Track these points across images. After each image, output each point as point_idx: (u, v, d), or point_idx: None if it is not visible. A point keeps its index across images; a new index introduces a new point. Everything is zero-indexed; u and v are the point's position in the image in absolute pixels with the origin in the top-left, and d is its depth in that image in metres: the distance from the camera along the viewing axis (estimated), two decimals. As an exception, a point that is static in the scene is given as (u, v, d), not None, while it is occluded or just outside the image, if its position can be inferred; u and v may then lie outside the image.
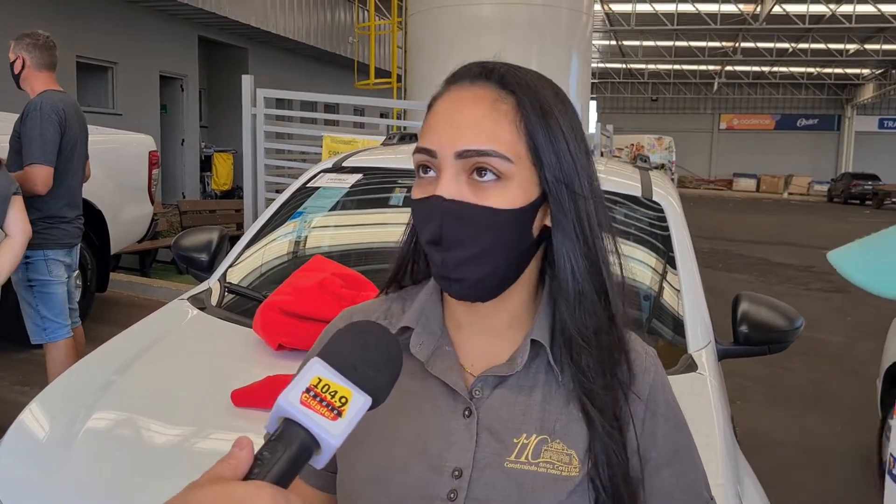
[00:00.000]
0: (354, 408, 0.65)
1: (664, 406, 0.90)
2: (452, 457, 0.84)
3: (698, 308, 2.24)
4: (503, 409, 0.86)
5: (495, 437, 0.85)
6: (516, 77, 0.84)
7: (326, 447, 0.63)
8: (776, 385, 5.62)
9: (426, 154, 0.83)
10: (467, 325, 0.91)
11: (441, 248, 0.82)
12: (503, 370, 0.87)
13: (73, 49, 11.89)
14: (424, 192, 0.83)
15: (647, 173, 2.91)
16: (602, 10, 24.03)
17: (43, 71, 3.75)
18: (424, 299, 0.92)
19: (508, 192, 0.81)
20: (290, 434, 0.63)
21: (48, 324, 3.71)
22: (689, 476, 0.91)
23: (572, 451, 0.84)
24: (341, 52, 19.20)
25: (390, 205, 2.89)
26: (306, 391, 0.64)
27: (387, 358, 0.70)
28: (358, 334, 0.71)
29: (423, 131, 0.86)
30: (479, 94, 0.83)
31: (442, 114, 0.84)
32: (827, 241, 15.90)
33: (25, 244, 3.30)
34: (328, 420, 0.63)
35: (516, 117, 0.82)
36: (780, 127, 41.29)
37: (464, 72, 0.87)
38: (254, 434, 0.64)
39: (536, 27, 8.48)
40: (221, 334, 2.16)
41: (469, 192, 0.81)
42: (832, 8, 22.64)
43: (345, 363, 0.67)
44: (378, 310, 0.97)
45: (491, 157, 0.80)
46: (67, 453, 1.60)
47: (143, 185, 6.39)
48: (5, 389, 4.55)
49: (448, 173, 0.81)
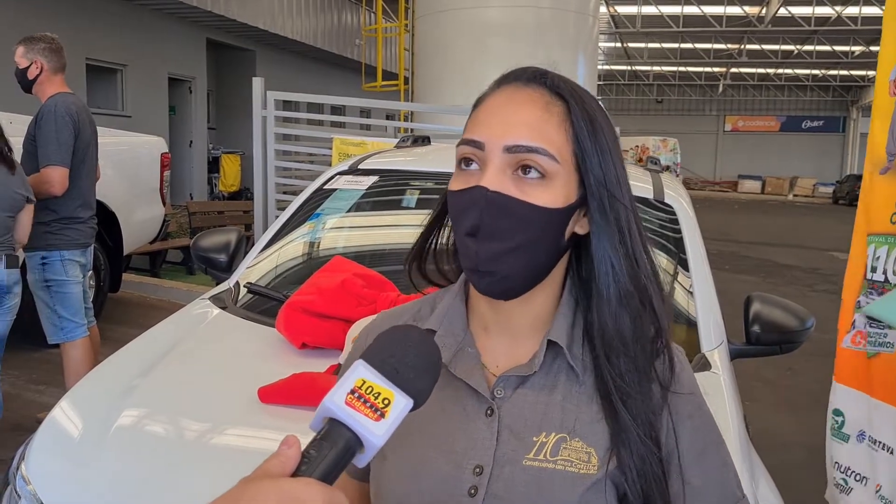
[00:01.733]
0: (397, 409, 0.68)
1: (694, 404, 0.92)
2: (474, 454, 0.87)
3: (711, 308, 2.27)
4: (524, 408, 0.89)
5: (515, 436, 0.88)
6: (568, 85, 0.88)
7: (370, 447, 0.66)
8: (784, 385, 5.64)
9: (473, 146, 0.85)
10: (492, 326, 0.93)
11: (477, 238, 0.84)
12: (523, 370, 0.90)
13: (83, 51, 11.97)
14: (466, 184, 0.85)
15: (658, 175, 2.94)
16: (607, 12, 24.04)
17: (57, 74, 3.79)
18: (449, 303, 0.95)
19: (550, 191, 0.84)
20: (335, 433, 0.66)
21: (65, 323, 3.76)
22: (720, 474, 0.91)
23: (591, 449, 0.86)
24: (348, 55, 19.26)
25: (406, 206, 2.93)
26: (351, 392, 0.67)
27: (427, 361, 0.72)
28: (399, 338, 0.73)
29: (471, 125, 0.88)
30: (532, 95, 0.86)
31: (493, 109, 0.87)
32: (832, 242, 15.89)
33: (20, 249, 3.44)
34: (372, 421, 0.66)
35: (565, 122, 0.85)
36: (785, 129, 41.24)
37: (517, 74, 0.90)
38: (280, 431, 0.67)
39: (543, 29, 8.50)
40: (244, 333, 2.20)
41: (513, 187, 0.83)
42: (838, 10, 22.64)
43: (387, 366, 0.70)
44: (409, 312, 1.00)
45: (539, 154, 0.83)
46: (100, 449, 1.64)
47: (156, 187, 6.44)
48: (22, 388, 4.60)
49: (494, 166, 0.83)
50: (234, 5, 14.42)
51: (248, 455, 1.66)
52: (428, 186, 2.94)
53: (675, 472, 0.88)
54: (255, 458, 1.77)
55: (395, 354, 0.71)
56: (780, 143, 41.01)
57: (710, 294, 2.32)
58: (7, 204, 3.21)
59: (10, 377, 4.61)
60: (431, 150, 3.34)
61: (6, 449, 3.50)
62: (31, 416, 4.09)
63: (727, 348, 2.23)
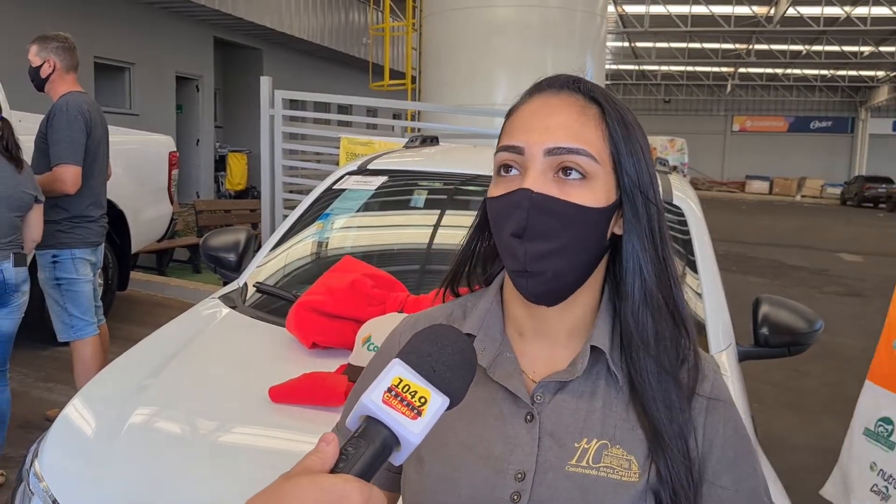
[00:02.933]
0: (433, 408, 0.68)
1: (723, 411, 0.91)
2: (515, 460, 0.87)
3: (720, 310, 2.27)
4: (564, 414, 0.89)
5: (557, 442, 0.88)
6: (601, 91, 0.89)
7: (406, 445, 0.67)
8: (792, 388, 5.63)
9: (512, 151, 0.86)
10: (530, 331, 0.93)
11: (523, 239, 0.84)
12: (564, 376, 0.89)
13: (92, 50, 12.01)
14: (506, 189, 0.86)
15: (666, 177, 2.94)
16: (615, 12, 24.00)
17: (70, 73, 3.81)
18: (486, 307, 0.95)
19: (592, 191, 0.85)
20: (372, 431, 0.66)
21: (76, 321, 3.78)
22: (749, 482, 0.90)
23: (631, 456, 0.86)
24: (355, 54, 19.27)
25: (415, 206, 2.94)
26: (388, 391, 0.68)
27: (463, 361, 0.73)
28: (435, 337, 0.74)
29: (507, 132, 0.89)
30: (568, 100, 0.88)
31: (530, 115, 0.88)
32: (841, 244, 15.86)
33: (32, 248, 3.45)
34: (408, 419, 0.66)
35: (601, 124, 0.87)
36: (793, 129, 41.12)
37: (550, 81, 0.91)
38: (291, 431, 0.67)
39: (551, 29, 8.49)
40: (255, 333, 2.21)
41: (555, 188, 0.84)
42: (847, 10, 22.55)
43: (424, 365, 0.70)
44: (441, 316, 1.00)
45: (580, 155, 0.84)
46: (113, 447, 1.66)
47: (164, 186, 6.46)
48: (30, 386, 4.63)
49: (535, 169, 0.84)
50: (241, 4, 14.45)
51: (259, 454, 1.68)
52: (437, 187, 2.95)
53: (706, 479, 0.88)
54: (265, 457, 1.77)
55: (432, 353, 0.71)
56: (789, 143, 40.91)
57: (719, 296, 2.32)
58: (15, 203, 3.22)
59: (19, 375, 4.63)
60: (440, 151, 3.35)
61: (15, 447, 3.53)
62: (40, 413, 4.12)
63: (736, 350, 2.23)
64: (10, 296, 3.23)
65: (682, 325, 0.90)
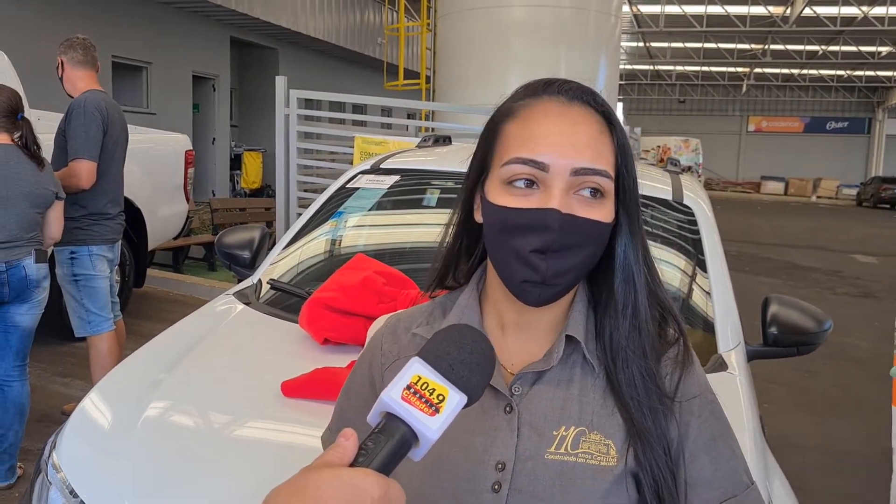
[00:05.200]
0: (451, 405, 0.70)
1: (699, 404, 0.93)
2: (496, 451, 0.90)
3: (728, 310, 2.28)
4: (542, 403, 0.92)
5: (536, 431, 0.90)
6: (609, 107, 0.92)
7: (424, 440, 0.69)
8: (803, 389, 5.62)
9: (534, 167, 0.87)
10: (511, 325, 0.96)
11: (546, 256, 0.87)
12: (540, 366, 0.93)
13: (109, 49, 12.13)
14: (526, 203, 0.87)
15: (677, 177, 2.95)
16: (630, 12, 23.94)
17: (80, 69, 3.84)
18: (464, 303, 0.98)
19: (606, 208, 0.89)
20: (391, 427, 0.69)
21: (92, 317, 3.83)
22: (728, 464, 0.92)
23: (609, 441, 0.89)
24: (370, 53, 19.33)
25: (427, 205, 2.96)
26: (407, 388, 0.70)
27: (481, 359, 0.75)
28: (454, 337, 0.76)
29: (522, 141, 0.89)
30: (584, 114, 0.90)
31: (548, 126, 0.89)
32: (855, 245, 15.76)
33: (51, 245, 3.52)
34: (426, 415, 0.69)
35: (613, 143, 0.90)
36: (809, 130, 40.86)
37: (562, 87, 0.92)
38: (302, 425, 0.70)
39: (565, 29, 8.50)
40: (268, 329, 2.25)
41: (578, 206, 0.87)
42: (864, 10, 22.38)
43: (442, 363, 0.73)
44: (421, 315, 1.03)
45: (602, 176, 0.87)
46: (129, 439, 1.69)
47: (180, 184, 6.52)
48: (48, 381, 4.69)
49: (559, 188, 0.86)
50: (257, 4, 14.53)
51: (271, 447, 1.72)
52: (449, 186, 2.98)
53: (684, 461, 0.90)
54: (277, 450, 1.82)
55: (451, 352, 0.74)
56: (804, 144, 40.65)
57: (728, 295, 2.33)
58: (36, 200, 3.28)
59: (37, 370, 4.69)
60: (452, 150, 3.38)
61: (33, 440, 3.59)
62: (57, 407, 4.18)
63: (744, 349, 2.24)
64: (31, 291, 3.29)
65: (669, 315, 0.95)
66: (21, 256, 3.22)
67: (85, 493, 1.58)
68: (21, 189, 3.21)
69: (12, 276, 3.20)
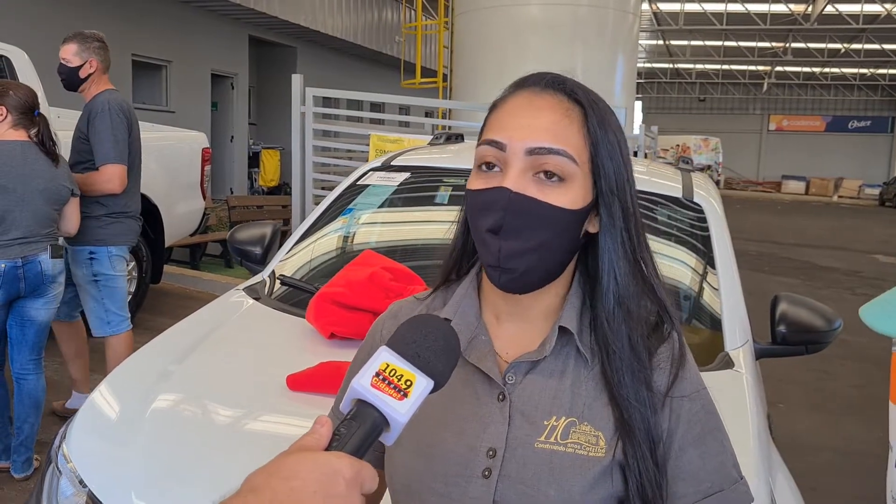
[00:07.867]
0: (418, 389, 0.74)
1: (691, 402, 0.94)
2: (487, 438, 0.92)
3: (736, 308, 2.28)
4: (534, 393, 0.93)
5: (527, 420, 0.92)
6: (584, 92, 0.92)
7: (395, 424, 0.73)
8: (818, 389, 5.58)
9: (494, 147, 0.89)
10: (505, 315, 0.98)
11: (499, 236, 0.88)
12: (533, 356, 0.94)
13: (130, 48, 12.25)
14: (486, 184, 0.89)
15: (688, 175, 2.95)
16: (650, 10, 23.82)
17: (106, 73, 3.85)
18: (462, 293, 1.00)
19: (569, 193, 0.88)
20: (363, 413, 0.73)
21: (112, 317, 3.85)
22: (717, 458, 0.92)
23: (599, 432, 0.90)
24: (388, 52, 19.37)
25: (436, 203, 2.98)
26: (376, 375, 0.74)
27: (445, 346, 0.79)
28: (420, 325, 0.80)
29: (490, 128, 0.92)
30: (552, 100, 0.90)
31: (514, 112, 0.90)
32: (877, 245, 15.59)
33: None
34: (395, 400, 0.73)
35: (583, 127, 0.89)
36: (830, 129, 40.41)
37: (535, 79, 0.93)
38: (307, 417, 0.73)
39: (582, 27, 8.49)
40: (276, 323, 2.27)
41: (534, 188, 0.87)
42: (888, 7, 22.13)
43: (409, 350, 0.76)
44: (423, 303, 1.05)
45: (560, 156, 0.87)
46: (137, 430, 1.72)
47: (196, 181, 6.57)
48: (64, 375, 4.72)
49: (515, 168, 0.87)
50: (275, 3, 14.60)
51: (277, 439, 1.72)
52: (459, 183, 2.99)
53: (672, 454, 0.91)
54: (282, 442, 1.84)
55: (417, 340, 0.78)
56: (826, 143, 40.21)
57: (737, 293, 2.33)
58: (52, 196, 3.32)
59: (53, 364, 4.75)
60: (464, 148, 3.39)
61: (49, 433, 3.63)
62: (75, 401, 4.22)
63: (752, 347, 2.24)
64: (46, 286, 3.34)
65: (664, 310, 0.95)
66: (37, 252, 3.27)
67: (94, 484, 1.61)
68: (37, 186, 3.25)
69: (28, 272, 3.24)
